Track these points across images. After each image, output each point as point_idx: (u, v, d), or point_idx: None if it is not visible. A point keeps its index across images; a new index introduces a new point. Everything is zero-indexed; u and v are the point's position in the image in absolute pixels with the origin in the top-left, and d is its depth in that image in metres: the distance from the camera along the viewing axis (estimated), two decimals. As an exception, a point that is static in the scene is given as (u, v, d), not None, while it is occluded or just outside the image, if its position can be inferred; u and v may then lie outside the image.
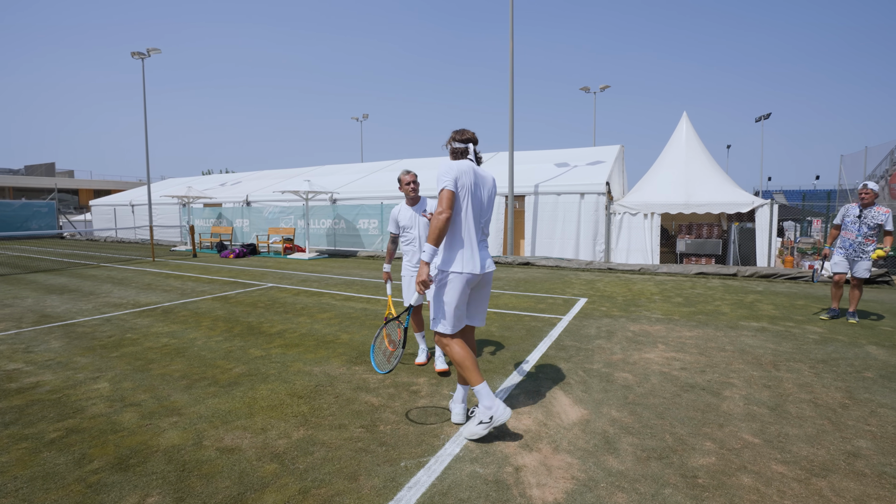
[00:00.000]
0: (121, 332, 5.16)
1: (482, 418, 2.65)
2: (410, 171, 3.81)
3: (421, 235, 3.82)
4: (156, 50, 16.45)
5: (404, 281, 3.90)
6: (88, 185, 40.19)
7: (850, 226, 5.56)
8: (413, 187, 3.76)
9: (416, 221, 3.79)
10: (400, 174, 3.83)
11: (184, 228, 17.81)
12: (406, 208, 3.83)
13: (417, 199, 3.85)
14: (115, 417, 3.03)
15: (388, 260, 3.98)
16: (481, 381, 2.68)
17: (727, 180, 11.57)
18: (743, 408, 3.17)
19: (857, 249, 5.49)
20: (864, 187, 5.42)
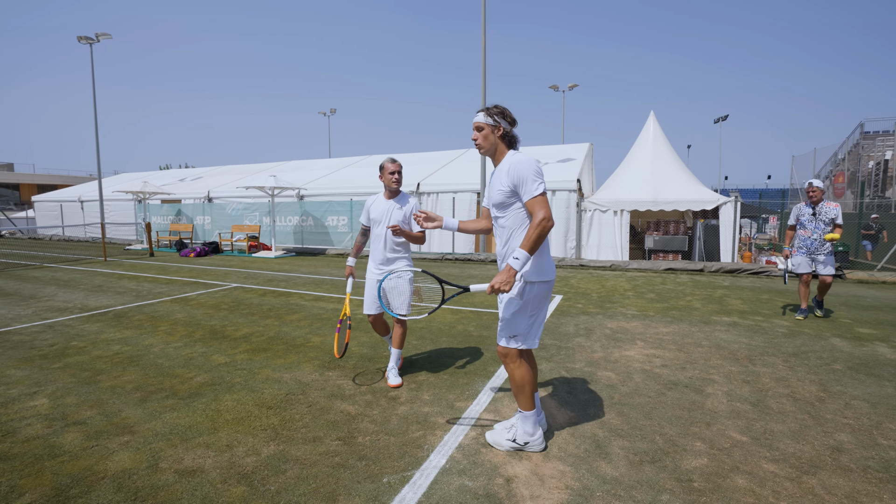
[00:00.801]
0: (65, 340, 4.68)
1: (517, 438, 2.50)
2: (396, 161, 3.42)
3: (388, 232, 3.41)
4: (106, 35, 15.34)
5: (367, 284, 3.51)
6: (31, 179, 37.31)
7: (807, 224, 5.63)
8: (397, 178, 3.39)
9: (388, 216, 3.43)
10: (385, 161, 3.42)
11: (139, 226, 16.78)
12: (382, 200, 3.47)
13: (398, 192, 3.51)
14: (54, 440, 2.68)
15: (355, 253, 3.58)
16: (534, 407, 2.50)
17: (692, 178, 11.90)
18: (727, 405, 3.16)
19: (819, 247, 5.53)
20: (811, 185, 5.55)
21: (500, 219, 2.43)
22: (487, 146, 2.42)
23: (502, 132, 2.40)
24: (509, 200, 2.35)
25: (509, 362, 2.45)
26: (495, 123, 2.39)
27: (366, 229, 3.61)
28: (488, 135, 2.40)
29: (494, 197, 2.41)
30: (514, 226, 2.38)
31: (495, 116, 2.39)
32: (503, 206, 2.38)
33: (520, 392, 2.46)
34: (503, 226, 2.42)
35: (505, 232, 2.42)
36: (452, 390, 3.40)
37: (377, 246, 3.47)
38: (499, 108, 2.43)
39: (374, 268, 3.50)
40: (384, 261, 3.47)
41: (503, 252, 2.46)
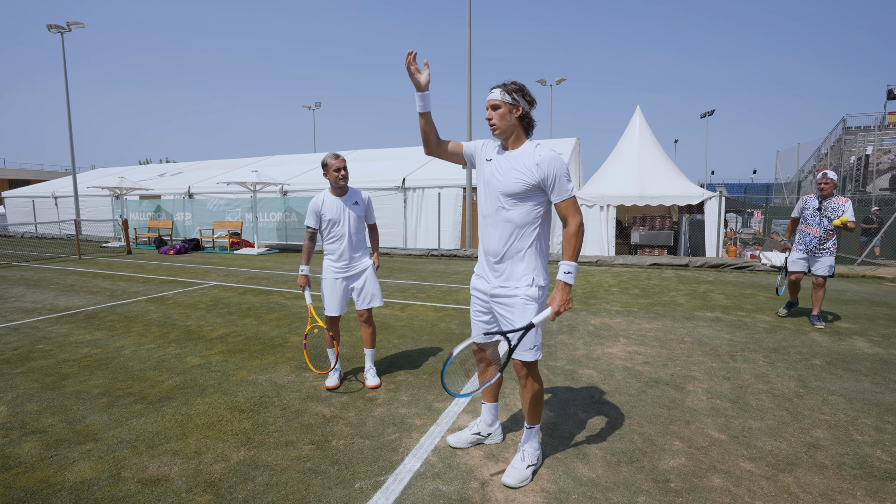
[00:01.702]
0: (30, 343, 4.50)
1: (532, 461, 2.30)
2: (340, 156, 3.23)
3: (351, 231, 3.29)
4: (78, 24, 14.84)
5: (327, 285, 3.33)
6: (1, 174, 36.18)
7: (810, 219, 5.07)
8: (343, 175, 3.21)
9: (346, 214, 3.27)
10: (326, 157, 3.21)
11: (117, 223, 16.35)
12: (332, 199, 3.28)
13: (346, 189, 3.33)
14: (9, 450, 2.55)
15: (306, 260, 3.33)
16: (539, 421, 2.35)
17: (678, 173, 11.98)
18: (706, 402, 3.15)
19: (819, 245, 5.02)
20: (824, 177, 4.95)
21: (505, 211, 2.14)
22: (504, 127, 2.13)
23: (521, 113, 2.14)
24: (527, 194, 2.11)
25: (532, 374, 2.25)
26: (514, 102, 2.11)
27: (313, 233, 3.35)
28: (505, 114, 2.12)
29: (511, 185, 2.11)
30: (522, 222, 2.14)
31: (514, 94, 2.11)
32: (516, 199, 2.12)
33: (537, 404, 2.29)
34: (508, 220, 2.14)
35: (508, 227, 2.15)
36: (431, 391, 3.33)
37: (339, 247, 3.31)
38: (517, 84, 2.14)
39: (335, 268, 3.33)
40: (349, 259, 3.34)
41: (501, 251, 2.18)
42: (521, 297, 2.17)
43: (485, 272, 2.30)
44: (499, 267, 2.22)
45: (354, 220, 3.33)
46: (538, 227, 2.18)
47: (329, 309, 3.35)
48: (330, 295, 3.34)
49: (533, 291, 2.16)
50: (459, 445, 2.55)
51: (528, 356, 2.19)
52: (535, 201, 2.15)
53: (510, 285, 2.19)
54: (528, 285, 2.16)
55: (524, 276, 2.18)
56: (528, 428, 2.33)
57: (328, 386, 3.35)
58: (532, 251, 2.18)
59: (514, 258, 2.18)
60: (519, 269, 2.18)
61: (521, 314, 2.17)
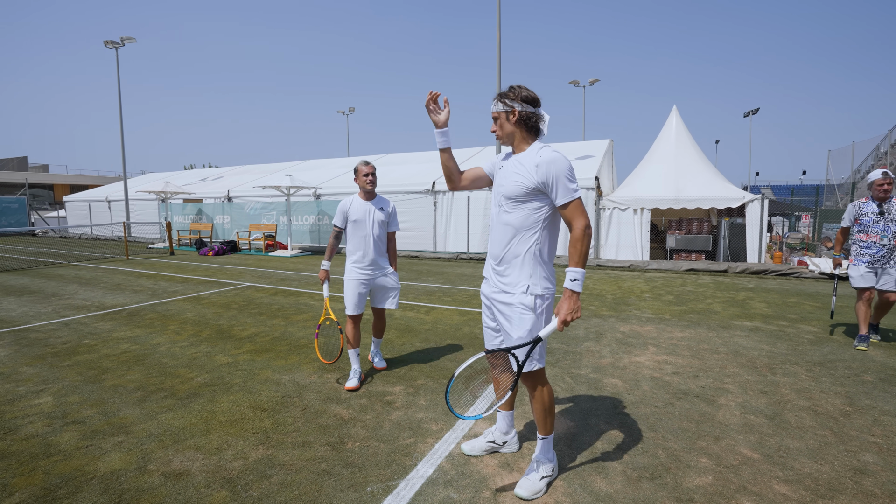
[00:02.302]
0: (78, 338, 4.80)
1: (547, 473, 2.24)
2: (370, 163, 3.50)
3: (374, 234, 3.47)
4: (130, 39, 15.82)
5: (349, 285, 3.48)
6: (64, 179, 38.93)
7: (871, 227, 4.44)
8: (371, 180, 3.46)
9: (371, 218, 3.48)
10: (358, 164, 3.49)
11: (162, 225, 17.26)
12: (360, 202, 3.50)
13: (374, 194, 3.56)
14: (51, 438, 2.71)
15: (328, 256, 3.58)
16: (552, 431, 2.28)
17: (717, 175, 11.46)
18: (739, 417, 2.97)
19: (886, 255, 4.36)
20: (886, 176, 4.37)
21: (505, 214, 2.13)
22: (504, 134, 2.15)
23: (517, 116, 2.10)
24: (526, 197, 2.07)
25: (537, 385, 2.19)
26: (508, 108, 2.10)
27: (339, 232, 3.57)
28: (503, 123, 2.13)
29: (510, 188, 2.09)
30: (521, 226, 2.10)
31: (506, 100, 2.10)
32: (516, 201, 2.09)
33: (549, 414, 2.23)
34: (507, 223, 2.12)
35: (507, 231, 2.13)
36: (450, 396, 3.30)
37: (362, 248, 3.49)
38: (513, 89, 2.12)
39: (357, 269, 3.51)
40: (371, 262, 3.51)
41: (500, 254, 2.16)
42: (517, 305, 2.12)
43: (489, 275, 2.28)
44: (499, 270, 2.19)
45: (378, 225, 3.51)
46: (539, 231, 2.11)
47: (349, 308, 3.50)
48: (351, 295, 3.48)
49: (528, 300, 2.10)
50: (474, 453, 2.52)
51: (528, 366, 2.13)
52: (536, 205, 2.09)
53: (507, 290, 2.15)
54: (522, 292, 2.10)
55: (520, 282, 2.12)
56: (542, 438, 2.26)
57: (349, 387, 3.40)
58: (530, 257, 2.11)
59: (513, 263, 2.14)
60: (516, 274, 2.13)
61: (518, 324, 2.12)
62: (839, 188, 20.51)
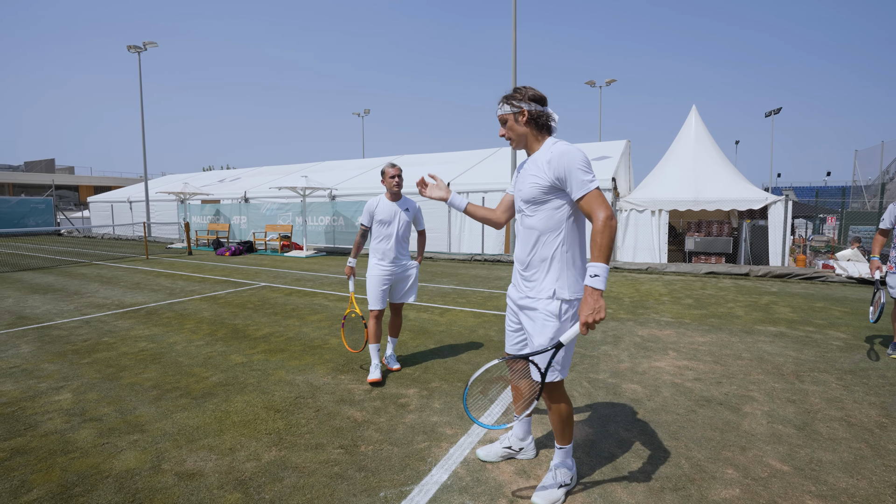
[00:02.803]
0: (97, 336, 4.88)
1: (565, 481, 2.16)
2: (396, 165, 3.59)
3: (399, 233, 3.61)
4: (152, 43, 16.17)
5: (372, 282, 3.59)
6: (88, 181, 40.04)
7: None
8: (398, 182, 3.56)
9: (397, 218, 3.61)
10: (385, 166, 3.60)
11: (181, 226, 17.58)
12: (387, 202, 3.63)
13: (399, 195, 3.67)
14: (69, 435, 2.74)
15: (355, 254, 3.71)
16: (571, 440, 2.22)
17: (738, 176, 11.18)
18: (766, 427, 2.85)
19: None
20: None
21: (527, 218, 2.07)
22: (517, 137, 2.07)
23: (527, 116, 2.03)
24: (545, 197, 2.00)
25: (558, 397, 2.10)
26: (516, 109, 2.03)
27: (366, 230, 3.70)
28: (513, 125, 2.06)
29: (526, 191, 2.03)
30: (544, 228, 2.03)
31: (513, 101, 2.04)
32: (535, 203, 2.03)
33: (567, 425, 2.14)
34: (531, 227, 2.06)
35: (531, 235, 2.06)
36: (468, 402, 3.24)
37: (386, 245, 3.61)
38: (518, 90, 2.05)
39: (380, 266, 3.62)
40: (393, 259, 3.63)
41: (527, 259, 2.08)
42: (542, 311, 2.03)
43: (516, 280, 2.22)
44: (526, 275, 2.12)
45: (403, 225, 3.64)
46: (563, 232, 2.03)
47: (372, 303, 3.60)
48: (374, 291, 3.59)
49: (553, 306, 2.00)
50: (489, 459, 2.45)
51: (549, 376, 2.05)
52: (556, 204, 2.01)
53: (533, 296, 2.07)
54: (548, 297, 2.01)
55: (546, 287, 2.03)
56: (560, 448, 2.19)
57: (371, 380, 3.47)
58: (557, 260, 2.03)
59: (539, 267, 2.06)
60: (542, 279, 2.05)
61: (541, 330, 2.03)
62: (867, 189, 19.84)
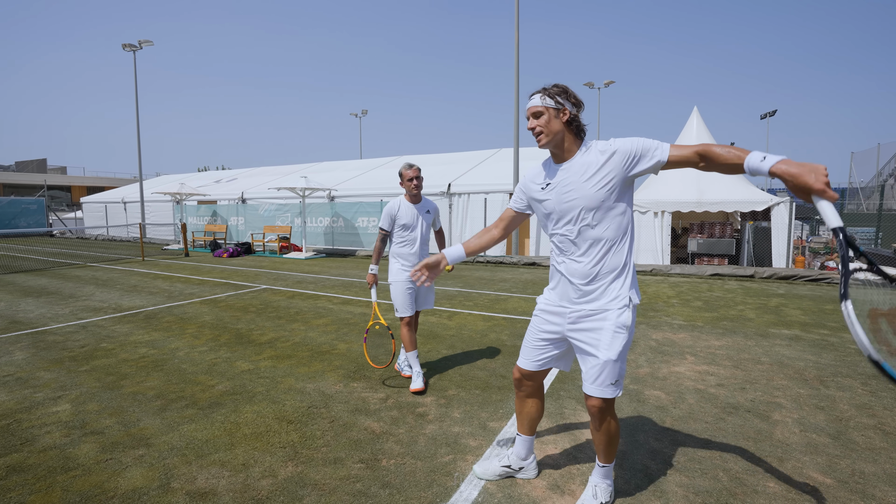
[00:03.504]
0: (95, 342, 4.70)
1: (605, 499, 2.06)
2: (414, 165, 3.42)
3: (423, 236, 3.49)
4: (148, 42, 15.93)
5: (397, 287, 3.44)
6: (81, 181, 39.50)
7: None
8: (416, 183, 3.41)
9: (419, 221, 3.48)
10: (402, 168, 3.41)
11: (177, 227, 17.32)
12: (407, 205, 3.48)
13: (420, 197, 3.52)
14: (70, 450, 2.58)
15: (376, 260, 3.51)
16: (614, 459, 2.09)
17: (740, 177, 11.15)
18: (800, 436, 2.74)
19: None
20: None
21: (590, 229, 1.86)
22: (551, 135, 1.87)
23: (569, 117, 1.87)
24: (613, 198, 1.83)
25: (607, 416, 1.96)
26: (559, 106, 1.85)
27: (386, 235, 3.53)
28: (551, 120, 1.85)
29: (594, 197, 1.83)
30: (614, 237, 1.86)
31: (558, 97, 1.86)
32: (603, 211, 1.84)
33: (613, 444, 2.03)
34: (597, 238, 1.86)
35: (597, 245, 1.86)
36: (485, 408, 3.12)
37: (410, 250, 3.49)
38: (559, 87, 1.89)
39: (404, 271, 3.46)
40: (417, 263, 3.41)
41: (592, 272, 1.88)
42: (612, 322, 1.86)
43: (566, 295, 1.97)
44: (588, 289, 1.91)
45: (425, 227, 3.52)
46: (629, 237, 1.91)
47: (402, 311, 3.45)
48: (402, 297, 3.43)
49: (626, 317, 1.85)
50: (486, 477, 2.30)
51: (608, 392, 1.90)
52: (621, 209, 1.87)
53: (598, 308, 1.89)
54: (622, 307, 1.85)
55: (621, 297, 1.87)
56: (602, 466, 2.07)
57: (414, 389, 3.34)
58: (630, 267, 1.91)
59: (608, 278, 1.88)
60: (616, 289, 1.89)
61: (608, 346, 1.86)
62: (862, 191, 19.97)
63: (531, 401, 2.22)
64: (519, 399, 2.25)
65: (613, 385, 1.89)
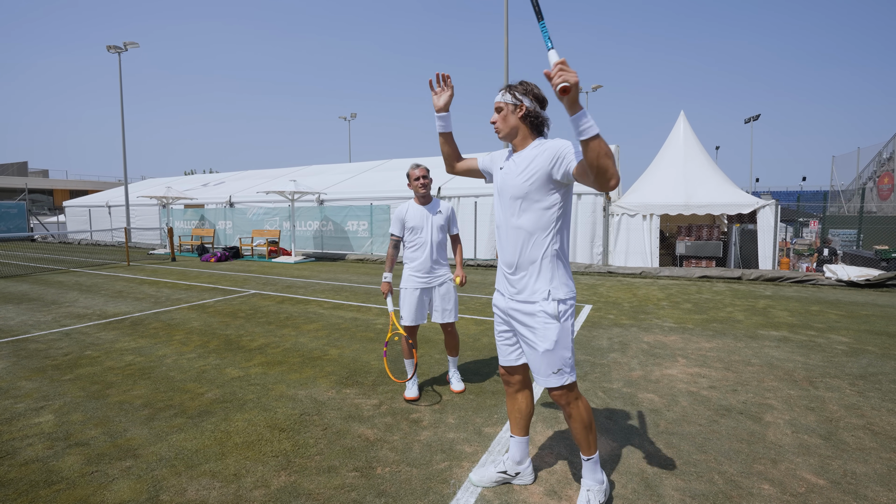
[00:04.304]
0: (79, 349, 4.58)
1: (600, 500, 2.06)
2: (421, 165, 3.28)
3: (433, 240, 3.31)
4: (133, 44, 15.69)
5: (406, 294, 3.31)
6: (64, 185, 38.69)
7: None
8: (423, 183, 3.26)
9: (429, 223, 3.31)
10: (409, 169, 3.30)
11: (163, 231, 17.04)
12: (416, 207, 3.33)
13: (429, 198, 3.37)
14: (53, 463, 2.50)
15: (389, 268, 3.36)
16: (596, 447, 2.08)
17: (726, 181, 11.33)
18: (792, 437, 2.77)
19: None
20: None
21: (514, 218, 1.98)
22: (506, 129, 2.01)
23: (524, 112, 1.97)
24: (540, 192, 1.91)
25: (571, 400, 2.00)
26: (516, 102, 1.98)
27: (397, 241, 3.39)
28: (507, 115, 2.00)
29: (517, 188, 1.95)
30: (534, 228, 1.95)
31: (516, 94, 1.98)
32: (528, 199, 1.93)
33: (588, 431, 2.03)
34: (519, 227, 1.97)
35: (519, 235, 1.97)
36: (479, 413, 3.10)
37: (421, 254, 3.33)
38: (523, 84, 2.01)
39: (415, 277, 3.33)
40: (429, 269, 3.33)
41: (515, 261, 1.99)
42: (539, 314, 1.96)
43: (502, 286, 2.12)
44: (514, 279, 2.03)
45: (437, 230, 3.35)
46: (553, 231, 1.97)
47: (406, 319, 3.32)
48: (408, 305, 3.32)
49: (551, 307, 1.93)
50: (483, 484, 2.28)
51: (552, 381, 1.98)
52: (547, 203, 1.94)
53: (527, 300, 1.99)
54: (544, 299, 1.95)
55: (540, 289, 1.96)
56: (587, 460, 2.08)
57: (408, 397, 3.30)
58: (548, 260, 1.96)
59: (530, 269, 1.98)
60: (534, 281, 1.97)
61: (543, 335, 1.96)
62: (843, 194, 20.44)
63: (521, 395, 2.26)
64: (509, 396, 2.28)
65: (556, 374, 1.96)
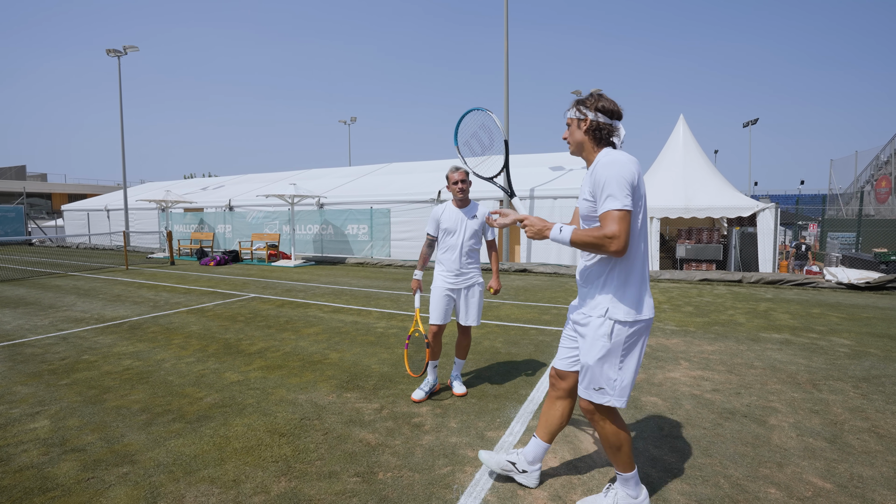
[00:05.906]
0: (77, 354, 4.54)
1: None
2: (461, 168, 3.24)
3: (464, 244, 3.29)
4: (133, 48, 15.71)
5: (435, 293, 3.35)
6: (63, 188, 38.60)
7: None
8: (461, 187, 3.25)
9: (463, 226, 3.30)
10: (448, 171, 3.30)
11: (162, 235, 17.00)
12: (453, 209, 3.34)
13: (467, 201, 3.36)
14: (48, 469, 2.46)
15: (421, 266, 3.43)
16: (634, 467, 2.03)
17: (726, 184, 11.35)
18: (797, 440, 2.75)
19: None
20: None
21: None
22: (574, 143, 1.98)
23: (588, 125, 1.92)
24: (594, 214, 1.88)
25: (597, 420, 1.99)
26: (580, 116, 1.93)
27: (432, 240, 3.42)
28: (574, 130, 1.97)
29: (581, 207, 1.95)
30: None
31: (580, 107, 1.93)
32: (589, 221, 1.93)
33: (615, 452, 2.00)
34: None
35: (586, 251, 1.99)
36: (482, 417, 3.07)
37: (451, 256, 3.34)
38: (591, 96, 1.95)
39: (444, 278, 3.35)
40: (458, 271, 3.34)
41: (583, 273, 2.00)
42: (593, 329, 1.92)
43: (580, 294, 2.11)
44: (583, 291, 2.04)
45: (470, 233, 3.33)
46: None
47: (434, 318, 3.35)
48: (436, 304, 3.34)
49: (605, 327, 1.88)
50: (488, 465, 2.33)
51: (590, 396, 1.96)
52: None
53: (587, 312, 1.97)
54: (600, 315, 1.90)
55: (599, 304, 1.92)
56: (618, 475, 2.05)
57: (415, 399, 3.32)
58: (613, 278, 1.89)
59: (594, 283, 1.95)
60: (595, 296, 1.94)
61: (589, 350, 1.93)
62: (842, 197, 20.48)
63: (560, 403, 2.21)
64: (549, 399, 2.25)
65: (596, 391, 1.93)
